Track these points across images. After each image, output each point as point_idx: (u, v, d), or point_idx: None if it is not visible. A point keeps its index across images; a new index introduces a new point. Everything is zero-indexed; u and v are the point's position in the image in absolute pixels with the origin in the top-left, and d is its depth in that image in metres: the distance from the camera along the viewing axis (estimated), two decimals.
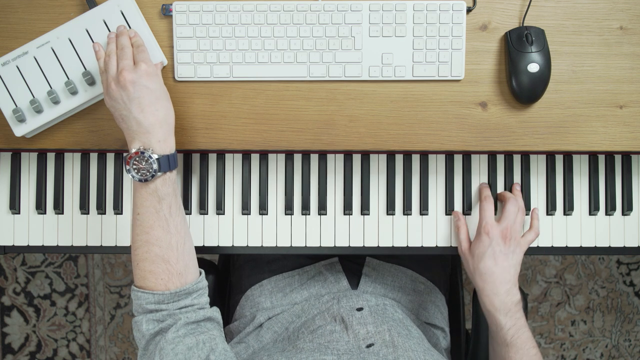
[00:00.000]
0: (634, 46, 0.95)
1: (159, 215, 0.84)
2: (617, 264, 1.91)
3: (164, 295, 0.82)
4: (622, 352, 1.94)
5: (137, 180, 0.84)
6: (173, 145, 0.87)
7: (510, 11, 0.95)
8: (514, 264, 0.93)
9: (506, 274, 0.92)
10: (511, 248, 0.93)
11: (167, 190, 0.85)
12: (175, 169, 0.87)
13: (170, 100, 0.88)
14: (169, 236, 0.84)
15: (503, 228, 0.93)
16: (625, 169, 1.02)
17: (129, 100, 0.83)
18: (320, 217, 1.00)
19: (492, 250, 0.92)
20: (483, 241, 0.93)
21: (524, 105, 0.95)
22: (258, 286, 1.09)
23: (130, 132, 0.85)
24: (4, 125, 0.95)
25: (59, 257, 1.87)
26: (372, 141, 0.95)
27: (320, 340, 0.89)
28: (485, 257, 0.92)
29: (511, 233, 0.93)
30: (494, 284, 0.91)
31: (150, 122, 0.84)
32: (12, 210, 1.00)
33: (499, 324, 0.91)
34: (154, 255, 0.83)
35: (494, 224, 0.94)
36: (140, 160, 0.83)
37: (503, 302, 0.91)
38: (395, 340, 0.87)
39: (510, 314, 0.91)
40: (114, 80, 0.84)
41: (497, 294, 0.91)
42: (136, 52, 0.87)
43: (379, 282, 1.07)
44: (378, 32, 0.94)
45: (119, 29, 0.90)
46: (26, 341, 1.90)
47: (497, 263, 0.92)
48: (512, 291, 0.91)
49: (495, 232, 0.93)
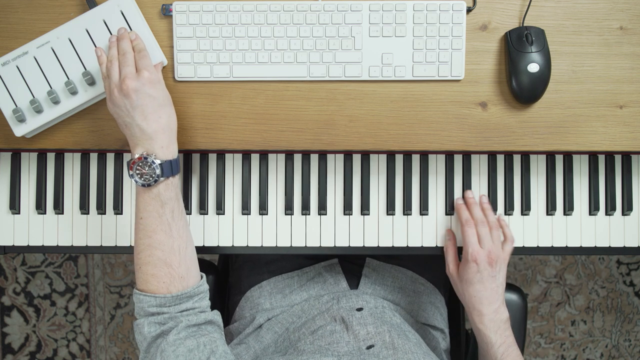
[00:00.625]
0: (634, 46, 0.95)
1: (161, 220, 0.85)
2: (617, 264, 1.91)
3: (165, 299, 0.83)
4: (622, 352, 1.94)
5: (140, 185, 0.85)
6: (176, 151, 0.88)
7: (510, 11, 0.95)
8: (501, 282, 0.94)
9: (495, 294, 0.93)
10: (497, 268, 0.94)
11: (169, 195, 0.86)
12: (178, 174, 0.88)
13: (173, 105, 0.89)
14: (171, 240, 0.85)
15: (487, 252, 0.94)
16: (625, 169, 1.02)
17: (132, 108, 0.84)
18: (320, 217, 1.00)
19: (481, 276, 0.93)
20: (471, 268, 0.93)
21: (524, 105, 0.95)
22: (257, 287, 1.09)
23: (134, 138, 0.86)
24: (4, 125, 0.95)
25: (59, 257, 1.87)
26: (372, 141, 0.95)
27: (321, 342, 0.89)
28: (474, 283, 0.93)
29: (496, 255, 0.94)
30: (483, 305, 0.93)
31: (153, 129, 0.85)
32: (12, 210, 1.00)
33: (489, 342, 0.92)
34: (157, 259, 0.84)
35: (480, 250, 0.94)
36: (143, 165, 0.84)
37: (492, 320, 0.93)
38: (395, 342, 0.87)
39: (500, 332, 0.92)
40: (117, 88, 0.85)
41: (486, 314, 0.93)
42: (138, 58, 0.88)
43: (378, 283, 1.07)
44: (378, 32, 0.94)
45: (120, 32, 0.90)
46: (26, 341, 1.90)
47: (486, 287, 0.93)
48: (500, 309, 0.93)
49: (482, 258, 0.93)
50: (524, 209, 1.01)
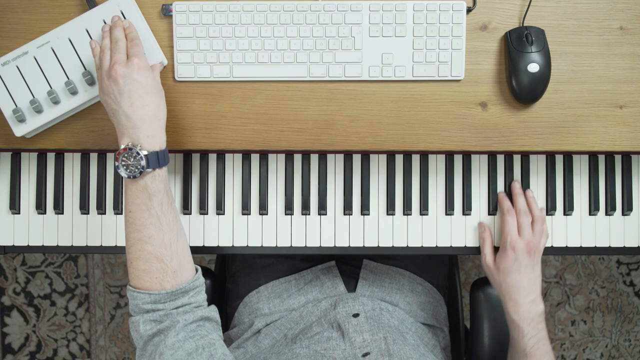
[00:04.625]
0: (634, 46, 0.95)
1: (150, 213, 0.83)
2: (617, 264, 1.91)
3: (160, 295, 0.81)
4: (622, 352, 1.94)
5: (126, 177, 0.83)
6: (163, 142, 0.86)
7: (510, 11, 0.95)
8: (538, 273, 0.95)
9: (533, 285, 0.93)
10: (535, 259, 0.94)
11: (157, 187, 0.84)
12: (166, 165, 0.86)
13: (164, 96, 0.88)
14: (161, 234, 0.83)
15: (527, 242, 0.94)
16: (625, 169, 1.02)
17: (119, 93, 0.83)
18: (320, 217, 1.00)
19: (519, 264, 0.93)
20: (509, 256, 0.93)
21: (524, 105, 0.95)
22: (255, 292, 1.08)
23: (120, 126, 0.84)
24: (4, 125, 0.95)
25: (59, 257, 1.87)
26: (372, 141, 0.95)
27: (317, 347, 0.89)
28: (512, 272, 0.93)
29: (535, 245, 0.94)
30: (520, 296, 0.92)
31: (139, 115, 0.83)
32: (12, 210, 1.00)
33: (521, 331, 0.92)
34: (147, 254, 0.83)
35: (519, 239, 0.94)
36: (128, 156, 0.82)
37: (528, 311, 0.92)
38: (391, 348, 0.87)
39: (533, 324, 0.92)
40: (106, 74, 0.84)
41: (522, 304, 0.92)
42: (130, 46, 0.87)
43: (376, 285, 1.07)
44: (378, 32, 0.94)
45: (114, 20, 0.90)
46: (26, 341, 1.90)
47: (524, 276, 0.93)
48: (537, 301, 0.93)
49: (521, 247, 0.94)
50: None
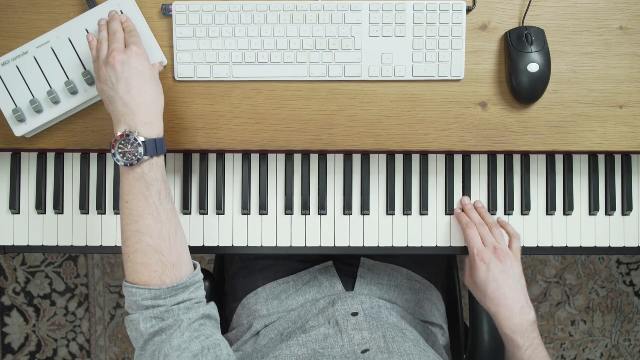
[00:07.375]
0: (634, 46, 0.95)
1: (148, 203, 0.81)
2: (617, 264, 1.91)
3: (160, 291, 0.79)
4: (622, 352, 1.94)
5: (123, 165, 0.81)
6: (161, 130, 0.85)
7: (510, 11, 0.95)
8: (518, 278, 0.92)
9: (514, 291, 0.91)
10: (508, 263, 0.92)
11: (155, 176, 0.82)
12: (163, 154, 0.84)
13: (162, 88, 0.87)
14: (160, 225, 0.81)
15: (493, 249, 0.93)
16: (625, 169, 1.02)
17: (117, 80, 0.82)
18: (320, 217, 1.00)
19: (493, 274, 0.91)
20: (481, 268, 0.92)
21: (524, 105, 0.95)
22: (253, 294, 1.08)
23: (117, 114, 0.83)
24: (4, 125, 0.95)
25: (59, 257, 1.87)
26: (372, 141, 0.95)
27: (315, 346, 0.88)
28: (489, 283, 0.91)
29: (503, 250, 0.93)
30: (507, 306, 0.90)
31: (136, 102, 0.82)
32: (12, 210, 1.00)
33: (516, 345, 0.90)
34: (146, 246, 0.80)
35: (484, 249, 0.93)
36: (125, 143, 0.81)
37: (519, 323, 0.90)
38: (391, 346, 0.87)
39: (527, 334, 0.90)
40: (104, 62, 0.83)
41: (512, 316, 0.90)
42: (128, 37, 0.87)
43: (374, 283, 1.07)
44: (378, 32, 0.94)
45: (111, 14, 0.90)
46: (26, 341, 1.90)
47: (503, 285, 0.91)
48: (526, 309, 0.90)
49: (489, 255, 0.92)
50: (524, 209, 1.01)
